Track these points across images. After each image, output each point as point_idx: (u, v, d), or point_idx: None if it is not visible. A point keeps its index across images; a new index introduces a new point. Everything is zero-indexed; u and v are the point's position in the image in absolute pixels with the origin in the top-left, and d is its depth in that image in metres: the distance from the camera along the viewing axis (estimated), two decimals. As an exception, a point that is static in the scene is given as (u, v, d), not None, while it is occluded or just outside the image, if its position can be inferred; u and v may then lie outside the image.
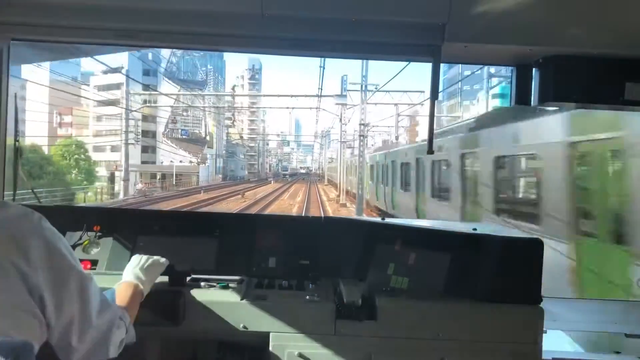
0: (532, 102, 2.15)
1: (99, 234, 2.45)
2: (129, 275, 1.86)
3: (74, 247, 2.35)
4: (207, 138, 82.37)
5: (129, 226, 2.48)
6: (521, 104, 2.19)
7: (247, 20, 1.94)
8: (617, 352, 2.57)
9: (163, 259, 2.02)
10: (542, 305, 2.03)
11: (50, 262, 1.29)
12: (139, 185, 51.26)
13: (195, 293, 2.06)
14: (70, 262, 1.36)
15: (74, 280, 1.35)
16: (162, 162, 71.74)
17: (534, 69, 2.12)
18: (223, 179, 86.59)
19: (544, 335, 2.02)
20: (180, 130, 79.65)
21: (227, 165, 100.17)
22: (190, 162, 72.36)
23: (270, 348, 2.00)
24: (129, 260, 1.98)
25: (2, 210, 1.29)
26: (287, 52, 2.13)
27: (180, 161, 70.77)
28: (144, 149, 68.02)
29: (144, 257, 1.97)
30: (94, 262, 2.37)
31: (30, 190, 2.73)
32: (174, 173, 63.73)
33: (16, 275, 1.22)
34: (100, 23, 1.97)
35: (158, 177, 64.72)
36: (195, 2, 1.93)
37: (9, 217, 1.28)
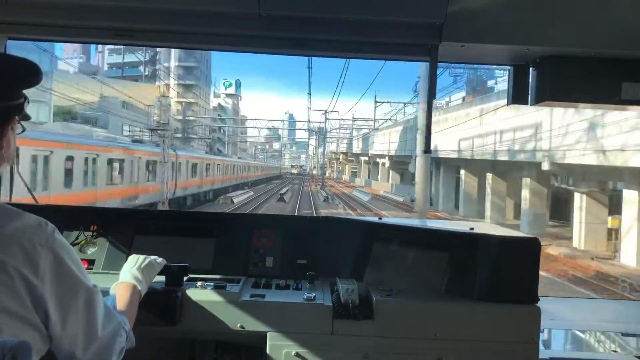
0: (529, 102, 2.15)
1: (95, 233, 2.44)
2: (126, 276, 1.86)
3: None
4: None
5: (125, 226, 2.47)
6: (518, 103, 2.20)
7: (244, 20, 1.94)
8: (614, 351, 2.58)
9: (160, 259, 2.01)
10: (539, 304, 2.03)
11: (58, 277, 1.28)
12: None
13: (192, 293, 2.05)
14: (79, 278, 1.34)
15: (81, 296, 1.34)
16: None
17: (531, 69, 2.13)
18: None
19: (541, 334, 2.02)
20: None
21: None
22: None
23: (268, 348, 2.00)
24: (126, 260, 1.97)
25: (17, 220, 1.28)
26: (285, 52, 2.13)
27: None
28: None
29: (141, 257, 1.96)
30: (91, 262, 2.37)
31: (27, 190, 2.72)
32: None
33: (22, 286, 1.22)
34: (98, 23, 1.97)
35: None
36: (192, 2, 1.93)
37: (22, 227, 1.27)
